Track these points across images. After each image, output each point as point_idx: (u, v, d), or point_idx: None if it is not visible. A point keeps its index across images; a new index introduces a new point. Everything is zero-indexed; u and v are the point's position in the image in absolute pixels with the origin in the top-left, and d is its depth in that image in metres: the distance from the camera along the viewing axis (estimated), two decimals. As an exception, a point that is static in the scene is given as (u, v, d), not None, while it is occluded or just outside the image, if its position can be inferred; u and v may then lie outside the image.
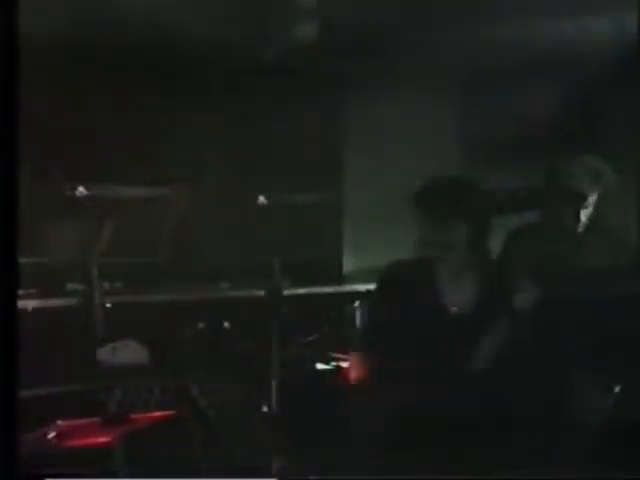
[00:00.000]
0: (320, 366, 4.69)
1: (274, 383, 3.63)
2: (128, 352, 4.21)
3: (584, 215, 4.28)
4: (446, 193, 3.53)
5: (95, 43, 5.09)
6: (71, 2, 4.78)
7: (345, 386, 3.80)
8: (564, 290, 3.81)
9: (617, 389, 3.60)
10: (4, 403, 2.53)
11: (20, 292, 4.05)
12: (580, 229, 4.29)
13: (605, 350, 3.68)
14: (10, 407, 2.52)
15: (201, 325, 4.67)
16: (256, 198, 4.97)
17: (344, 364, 4.74)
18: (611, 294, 3.83)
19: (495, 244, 4.44)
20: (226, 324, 4.70)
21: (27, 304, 4.18)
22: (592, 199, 4.30)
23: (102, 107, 5.29)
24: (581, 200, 4.26)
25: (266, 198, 4.83)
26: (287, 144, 5.89)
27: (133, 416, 3.50)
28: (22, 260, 3.41)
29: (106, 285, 4.53)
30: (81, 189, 4.44)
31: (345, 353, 4.35)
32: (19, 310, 3.64)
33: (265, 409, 3.67)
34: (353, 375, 3.59)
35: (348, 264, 6.11)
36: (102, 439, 3.25)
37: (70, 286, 4.45)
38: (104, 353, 4.15)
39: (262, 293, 4.45)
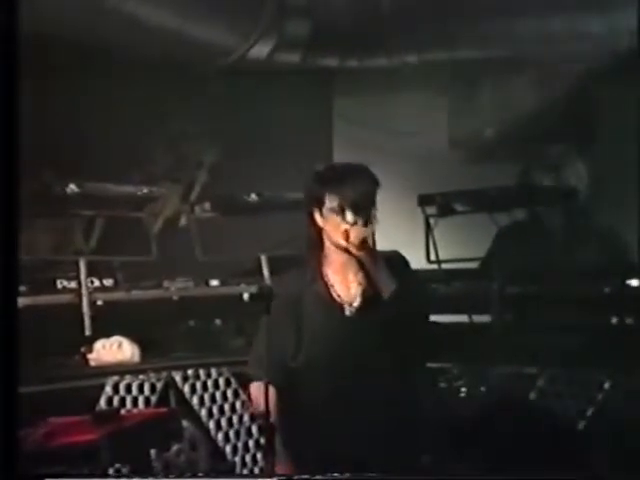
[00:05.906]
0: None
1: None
2: (118, 349, 4.20)
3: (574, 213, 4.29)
4: None
5: (91, 43, 5.09)
6: (68, 2, 4.78)
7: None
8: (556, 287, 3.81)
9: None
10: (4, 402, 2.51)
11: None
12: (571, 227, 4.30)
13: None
14: (10, 406, 2.50)
15: (192, 323, 4.67)
16: (249, 196, 4.97)
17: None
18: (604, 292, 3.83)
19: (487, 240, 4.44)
20: (217, 321, 4.70)
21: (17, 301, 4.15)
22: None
23: (95, 107, 5.28)
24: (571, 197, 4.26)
25: (259, 196, 4.83)
26: (282, 142, 5.89)
27: (124, 413, 3.48)
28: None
29: (96, 282, 4.51)
30: (72, 187, 4.42)
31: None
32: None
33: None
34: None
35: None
36: (92, 436, 3.22)
37: (60, 283, 4.43)
38: (95, 350, 4.15)
39: (253, 291, 4.45)
